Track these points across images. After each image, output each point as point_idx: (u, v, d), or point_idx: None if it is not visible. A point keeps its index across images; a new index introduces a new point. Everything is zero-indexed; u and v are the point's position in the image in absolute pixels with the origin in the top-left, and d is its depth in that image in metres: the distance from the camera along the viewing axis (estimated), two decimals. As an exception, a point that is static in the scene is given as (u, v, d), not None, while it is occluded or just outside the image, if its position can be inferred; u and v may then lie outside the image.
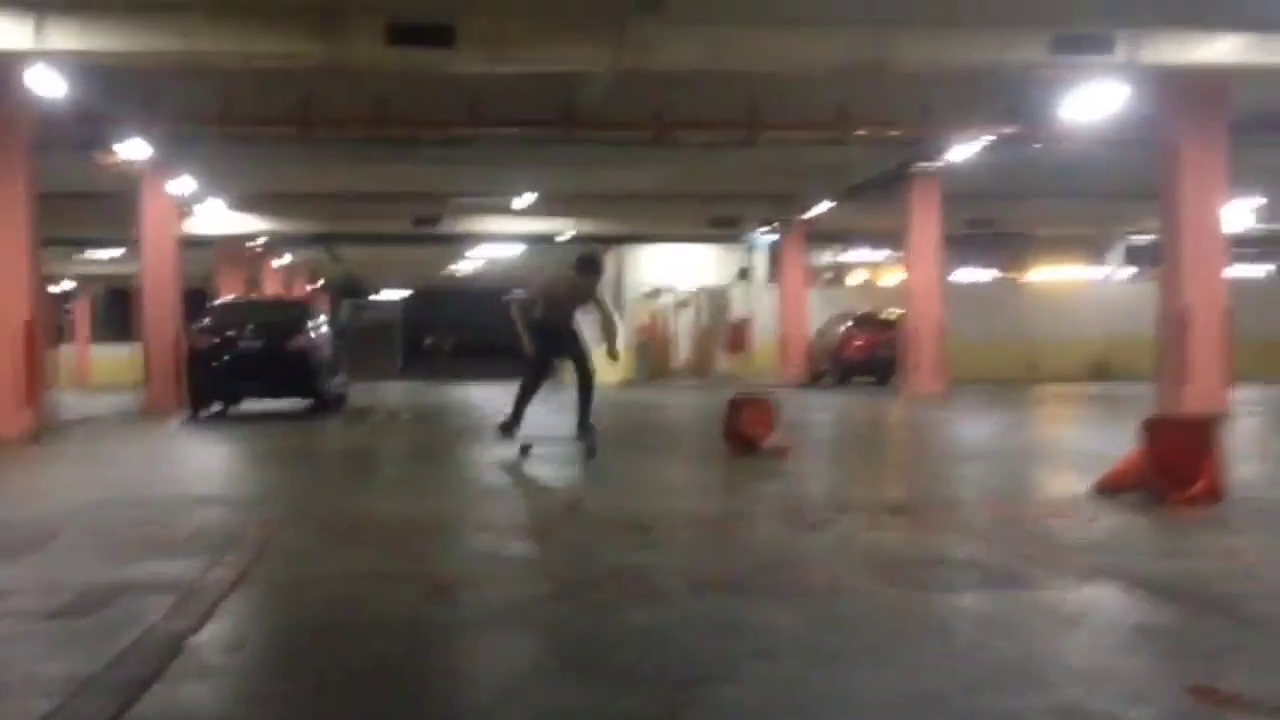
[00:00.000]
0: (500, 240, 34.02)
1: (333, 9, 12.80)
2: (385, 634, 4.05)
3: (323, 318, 20.05)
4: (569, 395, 11.01)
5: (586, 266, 11.47)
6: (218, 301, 22.93)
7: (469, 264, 42.38)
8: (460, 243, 34.77)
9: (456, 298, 57.34)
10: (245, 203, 27.08)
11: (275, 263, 36.35)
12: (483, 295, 57.91)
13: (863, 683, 3.37)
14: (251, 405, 18.70)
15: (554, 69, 14.58)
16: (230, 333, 17.81)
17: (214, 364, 17.36)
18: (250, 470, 10.86)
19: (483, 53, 13.33)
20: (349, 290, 51.83)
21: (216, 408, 17.90)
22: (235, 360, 17.45)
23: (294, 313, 20.01)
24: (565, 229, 31.17)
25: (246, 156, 20.45)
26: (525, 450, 10.59)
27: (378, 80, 15.75)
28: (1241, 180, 18.70)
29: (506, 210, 28.46)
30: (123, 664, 3.62)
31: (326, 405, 18.19)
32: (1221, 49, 13.83)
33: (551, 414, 12.00)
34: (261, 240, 32.43)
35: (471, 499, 7.96)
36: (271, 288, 35.33)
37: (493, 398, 25.50)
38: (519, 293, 11.72)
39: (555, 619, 4.26)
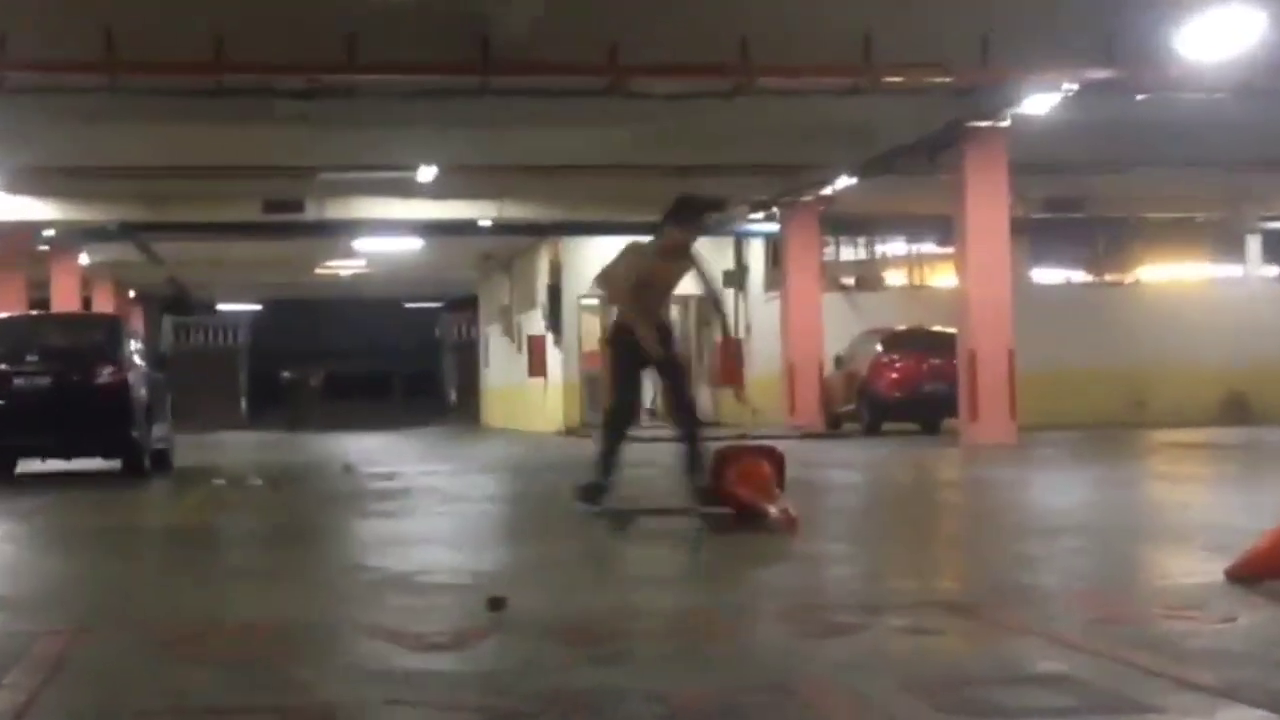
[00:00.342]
0: (389, 231, 34.00)
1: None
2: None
3: (136, 343, 19.90)
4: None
5: (687, 211, 11.63)
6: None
7: (345, 266, 42.26)
8: (332, 235, 34.68)
9: (327, 314, 57.20)
10: (26, 181, 26.90)
11: (70, 264, 35.99)
12: (368, 310, 57.91)
13: None
14: (39, 467, 18.59)
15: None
16: (6, 364, 17.63)
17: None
18: (39, 559, 10.76)
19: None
20: (174, 304, 51.40)
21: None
22: (12, 403, 17.27)
23: (96, 336, 19.81)
24: (482, 214, 31.19)
25: (32, 115, 20.35)
26: (622, 522, 10.59)
27: (215, 10, 15.75)
28: None
29: (398, 190, 28.47)
30: None
31: (143, 466, 18.05)
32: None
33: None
34: (49, 233, 32.25)
35: (355, 595, 7.92)
36: (64, 300, 35.00)
37: (381, 452, 25.45)
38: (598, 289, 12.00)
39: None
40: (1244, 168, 27.43)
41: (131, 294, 46.85)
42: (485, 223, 32.20)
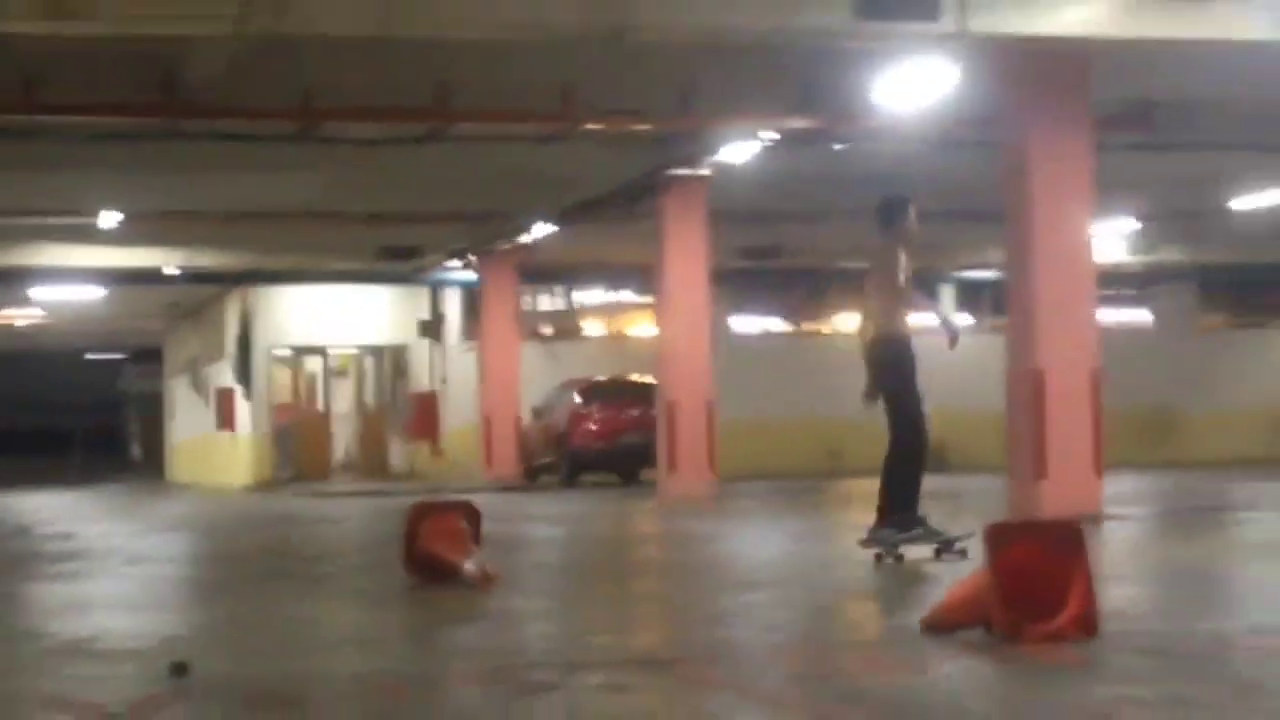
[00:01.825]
0: (69, 279, 33.18)
1: None
2: None
3: None
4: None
5: (892, 210, 12.10)
6: None
7: (21, 315, 41.09)
8: (6, 283, 33.69)
9: (4, 365, 55.53)
10: None
11: None
12: (44, 360, 56.35)
13: None
14: None
15: (148, 31, 14.38)
16: None
17: None
18: None
19: (43, 6, 13.09)
20: None
21: None
22: None
23: None
24: (168, 262, 30.68)
25: None
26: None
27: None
28: (1110, 194, 19.74)
29: (79, 236, 27.82)
30: None
31: None
32: (1078, 17, 14.62)
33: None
34: None
35: (30, 664, 7.68)
36: None
37: (58, 511, 24.75)
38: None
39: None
40: (939, 218, 28.18)
41: None
42: (172, 271, 31.65)
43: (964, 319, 37.49)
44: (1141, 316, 38.23)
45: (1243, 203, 27.69)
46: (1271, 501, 19.21)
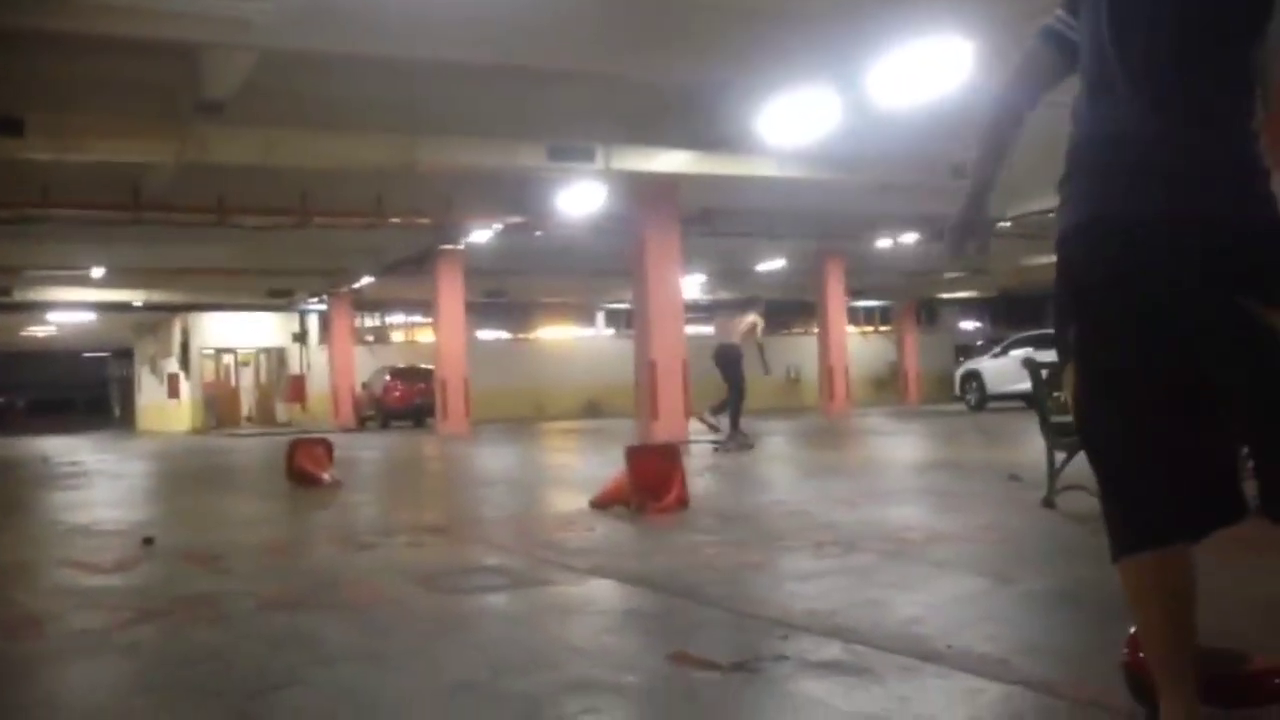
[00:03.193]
0: (73, 308, 31.26)
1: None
2: (-36, 674, 3.59)
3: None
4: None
5: (748, 304, 14.72)
6: None
7: (43, 329, 38.61)
8: (33, 310, 31.61)
9: (31, 359, 52.25)
10: None
11: None
12: (58, 357, 53.14)
13: (409, 678, 3.32)
14: None
15: (121, 159, 13.67)
16: None
17: None
18: None
19: (51, 143, 12.34)
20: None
21: None
22: None
23: None
24: (136, 298, 29.16)
25: None
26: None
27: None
28: (692, 260, 20.15)
29: (79, 281, 26.21)
30: None
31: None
32: (673, 161, 14.92)
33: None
34: None
35: (49, 542, 7.21)
36: None
37: (68, 448, 23.31)
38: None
39: (133, 644, 3.92)
40: (593, 273, 28.42)
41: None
42: (138, 303, 30.08)
43: (611, 332, 37.91)
44: (708, 329, 39.05)
45: (762, 265, 28.47)
46: (777, 431, 19.77)
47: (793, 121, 12.48)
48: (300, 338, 33.99)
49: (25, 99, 11.89)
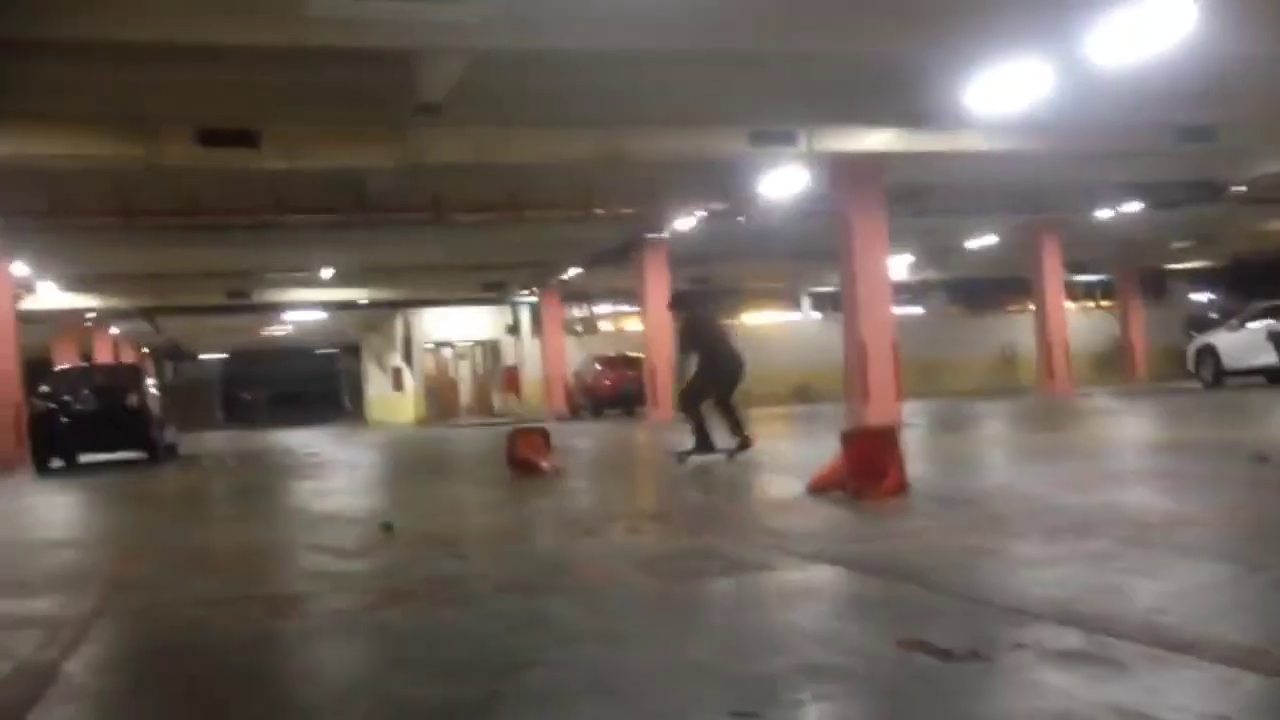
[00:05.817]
0: (305, 307, 33.12)
1: (149, 116, 12.33)
2: (238, 647, 3.88)
3: (150, 379, 19.09)
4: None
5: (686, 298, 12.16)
6: (56, 369, 21.67)
7: (279, 328, 41.06)
8: (270, 311, 33.68)
9: (270, 357, 55.48)
10: (76, 283, 25.71)
11: (105, 334, 34.42)
12: (293, 354, 56.32)
13: (645, 659, 3.40)
14: (92, 459, 17.67)
15: (346, 165, 14.39)
16: (68, 396, 16.86)
17: (55, 424, 16.41)
18: (97, 515, 10.24)
19: (283, 153, 13.07)
20: (173, 354, 49.60)
21: (59, 463, 16.88)
22: (74, 419, 16.53)
23: (124, 376, 19.08)
24: (361, 296, 30.61)
25: (76, 243, 19.43)
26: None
27: (192, 176, 15.20)
28: (898, 240, 19.75)
29: (310, 282, 27.77)
30: (1, 695, 3.38)
31: (158, 456, 17.33)
32: (877, 140, 14.65)
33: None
34: (92, 315, 30.79)
35: (299, 527, 7.70)
36: (103, 355, 33.42)
37: (305, 441, 24.74)
38: None
39: (383, 624, 4.16)
40: (797, 258, 28.24)
41: (145, 350, 44.76)
42: (363, 301, 31.59)
43: (818, 316, 37.55)
44: (917, 310, 38.23)
45: (972, 243, 27.69)
46: (994, 413, 19.22)
47: (1003, 91, 12.06)
48: (513, 329, 34.98)
49: (259, 112, 12.69)
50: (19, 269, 20.44)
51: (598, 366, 29.86)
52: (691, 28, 10.34)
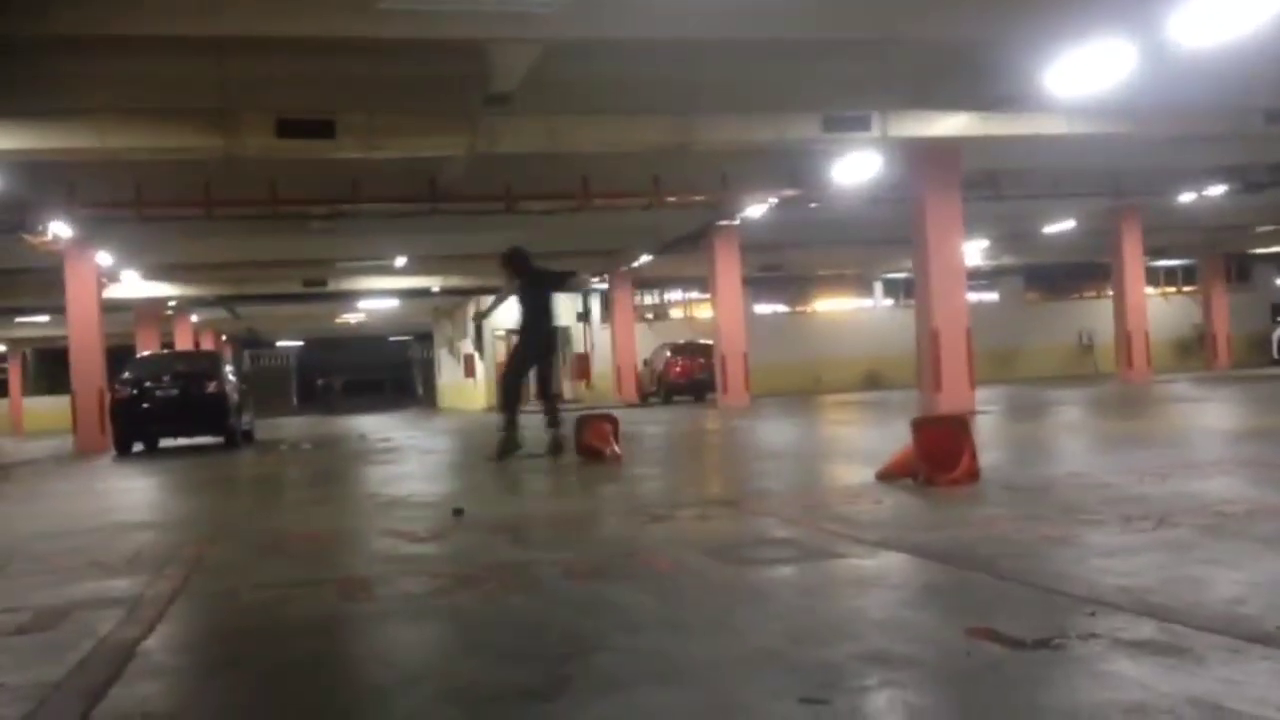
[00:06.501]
0: (379, 295, 33.58)
1: (228, 108, 12.54)
2: (312, 629, 3.96)
3: (229, 366, 19.49)
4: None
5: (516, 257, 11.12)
6: (138, 355, 22.20)
7: (354, 316, 41.65)
8: (345, 299, 34.18)
9: (344, 344, 56.34)
10: (158, 272, 26.31)
11: (185, 321, 35.18)
12: (367, 341, 57.12)
13: (711, 645, 3.41)
14: (171, 443, 18.09)
15: (419, 154, 14.53)
16: (149, 382, 17.28)
17: (136, 409, 16.83)
18: (176, 499, 10.47)
19: (359, 143, 13.22)
20: (250, 342, 50.56)
21: (139, 447, 17.30)
22: (155, 405, 16.94)
23: (204, 362, 19.47)
24: (433, 284, 30.90)
25: (158, 234, 19.85)
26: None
27: (270, 166, 15.46)
28: (973, 225, 19.47)
29: (383, 271, 28.11)
30: (85, 670, 3.47)
31: (236, 440, 17.69)
32: (953, 124, 14.44)
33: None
34: (173, 303, 31.48)
35: (371, 512, 7.80)
36: (183, 342, 34.18)
37: (378, 427, 25.10)
38: None
39: (453, 608, 4.21)
40: (869, 244, 28.00)
41: (224, 337, 45.69)
42: (435, 289, 31.89)
43: (889, 302, 37.20)
44: (992, 296, 37.71)
45: (1049, 228, 27.23)
46: (1070, 400, 18.91)
47: (1084, 73, 11.82)
48: (584, 317, 35.09)
49: (335, 102, 12.86)
50: (103, 258, 20.96)
51: (668, 353, 29.89)
52: (763, 16, 10.28)
